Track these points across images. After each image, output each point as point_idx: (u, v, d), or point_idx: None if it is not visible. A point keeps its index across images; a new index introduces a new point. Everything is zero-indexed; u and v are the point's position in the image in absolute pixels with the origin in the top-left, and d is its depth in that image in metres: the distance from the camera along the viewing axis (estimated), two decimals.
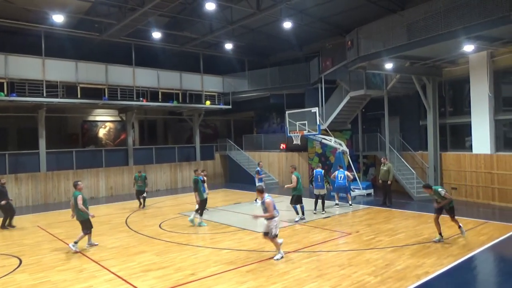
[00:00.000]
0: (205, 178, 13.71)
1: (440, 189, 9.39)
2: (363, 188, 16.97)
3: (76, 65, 18.43)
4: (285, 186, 12.83)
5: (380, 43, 13.82)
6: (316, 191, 13.26)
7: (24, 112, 18.70)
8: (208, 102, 22.86)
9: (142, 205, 15.76)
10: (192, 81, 22.73)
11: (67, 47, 19.19)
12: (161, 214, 14.20)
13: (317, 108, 16.87)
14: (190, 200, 17.76)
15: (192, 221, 12.03)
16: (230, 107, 23.67)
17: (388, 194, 14.25)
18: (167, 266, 8.05)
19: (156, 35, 19.38)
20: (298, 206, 12.14)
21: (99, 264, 8.34)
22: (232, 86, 23.91)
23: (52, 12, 16.18)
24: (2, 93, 16.20)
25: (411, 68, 15.53)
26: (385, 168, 14.19)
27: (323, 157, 20.02)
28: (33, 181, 17.88)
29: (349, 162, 16.95)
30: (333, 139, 17.38)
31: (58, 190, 18.56)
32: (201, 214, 12.02)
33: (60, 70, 17.99)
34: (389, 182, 14.04)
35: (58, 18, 16.38)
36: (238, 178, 22.75)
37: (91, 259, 8.74)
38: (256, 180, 15.68)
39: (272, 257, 8.28)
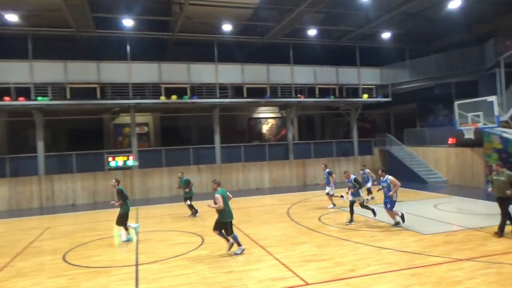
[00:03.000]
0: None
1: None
2: None
3: (242, 67, 20.49)
4: (209, 204, 9.03)
5: None
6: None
7: (203, 111, 21.76)
8: (365, 96, 22.32)
9: (193, 213, 13.71)
10: (348, 75, 22.58)
11: (233, 51, 21.54)
12: (321, 207, 14.59)
13: (495, 96, 14.75)
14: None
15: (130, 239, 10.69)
16: (389, 99, 22.59)
17: (503, 218, 9.63)
18: (327, 259, 8.28)
19: (312, 32, 19.88)
20: (224, 233, 9.09)
21: (265, 250, 9.16)
22: (391, 78, 22.81)
23: (222, 22, 18.38)
24: (186, 97, 19.27)
25: None
26: (502, 178, 9.74)
27: (504, 154, 17.20)
28: (211, 171, 20.66)
29: None
30: None
31: (230, 180, 20.94)
32: (126, 229, 10.71)
33: (229, 73, 20.34)
34: (508, 193, 9.49)
35: (227, 27, 18.52)
36: (400, 175, 21.50)
37: (258, 244, 9.68)
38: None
39: (442, 263, 7.64)
